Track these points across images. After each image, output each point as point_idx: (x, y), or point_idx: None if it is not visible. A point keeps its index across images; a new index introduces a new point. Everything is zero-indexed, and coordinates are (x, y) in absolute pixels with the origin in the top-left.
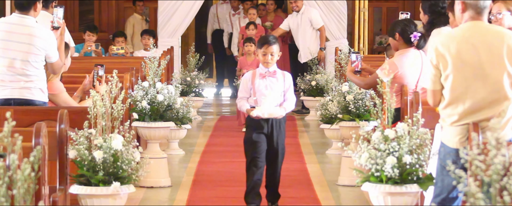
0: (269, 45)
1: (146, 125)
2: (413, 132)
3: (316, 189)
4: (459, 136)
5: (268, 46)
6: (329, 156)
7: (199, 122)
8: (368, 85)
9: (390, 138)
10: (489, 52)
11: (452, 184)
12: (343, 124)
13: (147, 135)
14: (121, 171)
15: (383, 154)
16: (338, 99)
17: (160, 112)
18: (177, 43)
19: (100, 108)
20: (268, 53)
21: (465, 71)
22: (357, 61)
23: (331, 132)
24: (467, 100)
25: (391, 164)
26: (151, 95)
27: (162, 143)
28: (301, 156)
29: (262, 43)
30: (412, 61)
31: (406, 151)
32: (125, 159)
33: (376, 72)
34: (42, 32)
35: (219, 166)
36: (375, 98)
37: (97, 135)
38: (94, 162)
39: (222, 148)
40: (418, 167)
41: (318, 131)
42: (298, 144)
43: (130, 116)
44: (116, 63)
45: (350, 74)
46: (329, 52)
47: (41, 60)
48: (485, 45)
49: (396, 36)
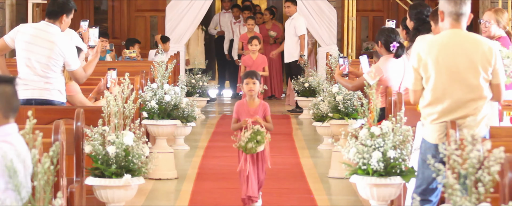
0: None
1: (154, 122)
2: (396, 129)
3: (308, 181)
4: (438, 132)
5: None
6: (320, 151)
7: (203, 120)
8: (355, 87)
9: (376, 135)
10: (466, 57)
11: (432, 176)
12: (333, 122)
13: (155, 131)
14: (132, 164)
15: (369, 149)
16: (329, 99)
17: (168, 111)
18: (183, 48)
19: (113, 107)
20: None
21: (444, 75)
22: (344, 65)
23: (323, 129)
24: (446, 101)
25: (376, 158)
26: (159, 96)
27: (169, 139)
28: (295, 151)
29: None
30: (395, 66)
31: (390, 147)
32: (136, 154)
33: (363, 76)
34: (63, 41)
35: (221, 160)
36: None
37: (110, 132)
38: (108, 156)
39: (223, 144)
40: (401, 161)
41: (310, 128)
42: (292, 140)
43: (140, 115)
44: (127, 67)
45: (338, 77)
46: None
47: (59, 65)
48: (462, 51)
49: (379, 44)
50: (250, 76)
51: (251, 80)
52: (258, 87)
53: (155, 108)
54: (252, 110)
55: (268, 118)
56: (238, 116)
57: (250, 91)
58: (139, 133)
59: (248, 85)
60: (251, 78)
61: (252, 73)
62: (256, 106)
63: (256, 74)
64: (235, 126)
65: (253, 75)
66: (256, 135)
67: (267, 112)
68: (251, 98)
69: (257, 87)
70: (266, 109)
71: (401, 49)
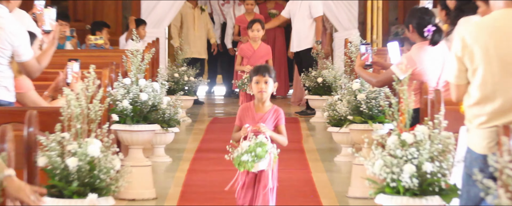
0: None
1: (127, 128)
2: (434, 135)
3: (323, 202)
4: (488, 140)
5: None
6: (337, 163)
7: (189, 125)
8: (381, 83)
9: (408, 143)
10: None
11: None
12: (353, 127)
13: (128, 139)
14: (99, 181)
15: (400, 161)
16: (348, 98)
17: (144, 113)
18: (163, 34)
19: (74, 108)
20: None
21: (496, 66)
22: (367, 54)
23: (340, 136)
24: (497, 99)
25: (409, 172)
26: (134, 94)
27: (146, 149)
28: (306, 164)
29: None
30: (432, 55)
31: (426, 158)
32: (103, 167)
33: (391, 68)
34: (11, 25)
35: (211, 176)
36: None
37: (71, 140)
38: (67, 171)
39: (215, 155)
40: (440, 176)
41: (325, 134)
42: (302, 149)
43: (109, 118)
44: (93, 58)
45: (359, 70)
46: (338, 45)
47: (7, 55)
48: None
49: (411, 28)
50: (261, 72)
51: (262, 78)
52: (271, 87)
53: (128, 109)
54: (260, 117)
55: (282, 128)
56: (241, 124)
57: (261, 93)
58: (107, 141)
59: (258, 85)
60: (262, 75)
61: (264, 69)
62: (265, 112)
63: (269, 70)
64: (235, 136)
65: (265, 72)
66: (256, 146)
67: (280, 120)
68: (261, 102)
69: (270, 87)
70: (279, 116)
71: (439, 34)
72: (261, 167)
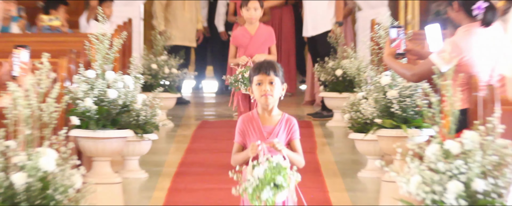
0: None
1: (91, 134)
2: (487, 144)
3: None
4: None
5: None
6: (362, 180)
7: (170, 130)
8: (417, 76)
9: (453, 154)
10: None
11: None
12: (382, 133)
13: (92, 149)
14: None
15: (443, 177)
16: (376, 96)
17: (112, 115)
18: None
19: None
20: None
21: None
22: (399, 39)
23: (366, 145)
24: None
25: (455, 192)
26: (99, 91)
27: (114, 161)
28: (321, 181)
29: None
30: (484, 40)
31: (477, 173)
32: (60, 185)
33: (430, 57)
34: None
35: (198, 196)
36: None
37: (18, 150)
38: (13, 190)
39: (203, 169)
40: (495, 197)
41: (345, 142)
42: (316, 162)
43: (68, 121)
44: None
45: (389, 59)
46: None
47: None
48: None
49: (456, 6)
50: (264, 70)
51: (266, 77)
52: (279, 90)
53: (92, 110)
54: (268, 129)
55: (296, 143)
56: (243, 139)
57: (265, 97)
58: (65, 152)
59: (261, 86)
60: (265, 73)
61: (268, 66)
62: (275, 123)
63: (275, 67)
64: (238, 158)
65: (268, 69)
66: (275, 173)
67: (294, 133)
68: (267, 109)
69: (277, 90)
70: (292, 127)
71: (492, 13)
72: (280, 199)
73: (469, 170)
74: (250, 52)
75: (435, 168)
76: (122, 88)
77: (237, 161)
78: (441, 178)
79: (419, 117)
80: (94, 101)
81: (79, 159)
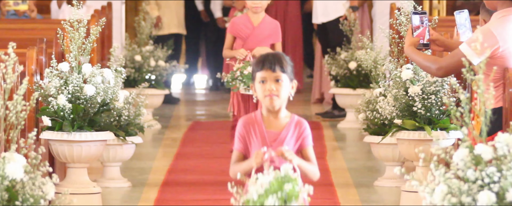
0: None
1: (65, 137)
2: None
3: None
4: None
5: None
6: (379, 190)
7: (157, 132)
8: (443, 70)
9: (485, 160)
10: None
11: None
12: (403, 136)
13: (67, 154)
14: None
15: (472, 186)
16: (395, 93)
17: (90, 115)
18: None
19: None
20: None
21: None
22: (422, 27)
23: (383, 150)
24: None
25: (486, 203)
26: (74, 87)
27: (92, 168)
28: (332, 191)
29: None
30: None
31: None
32: (29, 196)
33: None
34: None
35: None
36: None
37: None
38: None
39: (195, 177)
40: None
41: (360, 146)
42: (327, 169)
43: (38, 122)
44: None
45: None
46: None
47: None
48: None
49: None
50: (269, 65)
51: (271, 74)
52: (287, 89)
53: (66, 108)
54: (275, 135)
55: (309, 150)
56: (244, 146)
57: (270, 98)
58: (36, 157)
59: (264, 85)
60: (270, 69)
61: (274, 59)
62: (282, 128)
63: (282, 61)
64: (238, 168)
65: (274, 64)
66: (282, 184)
67: (305, 139)
68: (273, 112)
69: (284, 89)
70: (303, 132)
71: None
72: None
73: (502, 178)
74: (250, 46)
75: (464, 176)
76: (101, 83)
77: (236, 172)
78: (470, 188)
79: (445, 117)
80: (68, 99)
81: (52, 166)
